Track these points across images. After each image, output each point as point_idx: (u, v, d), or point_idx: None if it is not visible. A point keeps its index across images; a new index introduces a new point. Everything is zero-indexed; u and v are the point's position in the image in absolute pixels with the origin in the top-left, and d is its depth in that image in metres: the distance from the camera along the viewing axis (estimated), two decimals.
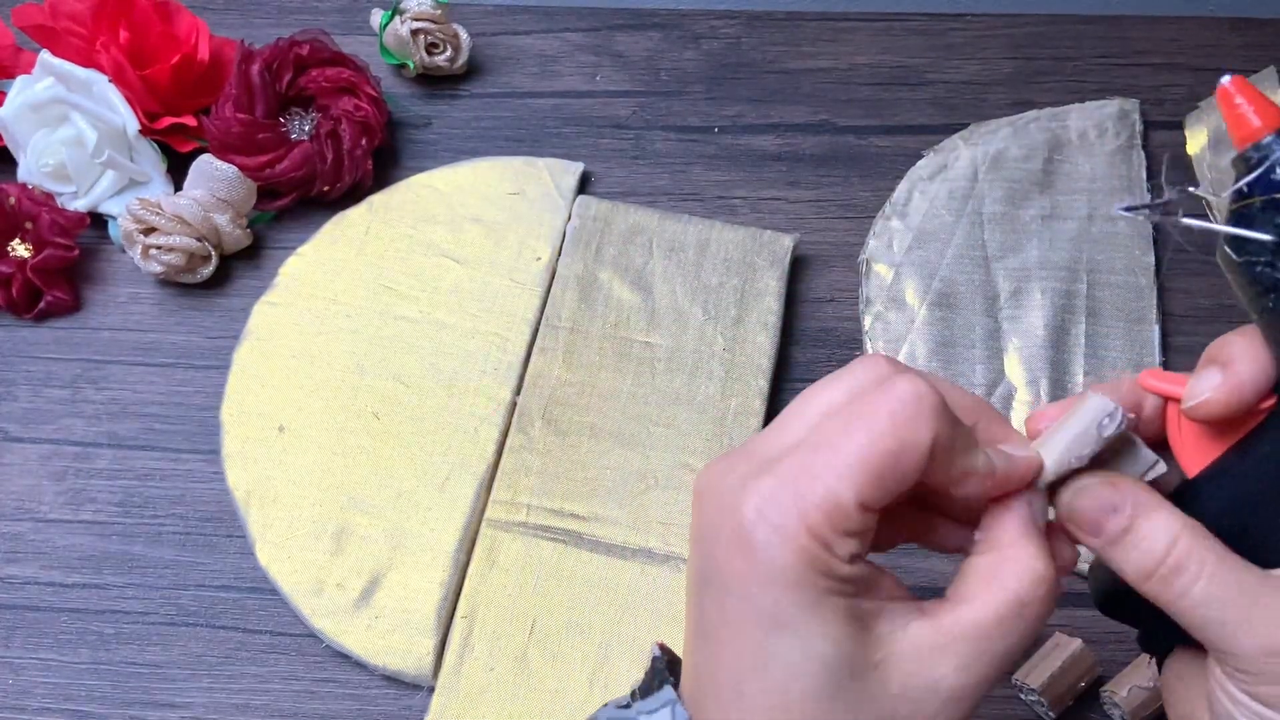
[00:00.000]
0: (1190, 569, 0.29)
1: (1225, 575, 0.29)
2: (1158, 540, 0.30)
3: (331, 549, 0.53)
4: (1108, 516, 0.30)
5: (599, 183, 0.65)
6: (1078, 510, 0.31)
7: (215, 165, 0.60)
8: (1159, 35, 0.68)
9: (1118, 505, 0.30)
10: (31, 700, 0.51)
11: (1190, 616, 0.29)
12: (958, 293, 0.60)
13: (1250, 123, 0.29)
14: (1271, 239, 0.28)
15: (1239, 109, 0.29)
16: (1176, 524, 0.30)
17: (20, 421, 0.58)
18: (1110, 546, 0.31)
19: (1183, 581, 0.29)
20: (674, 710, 0.31)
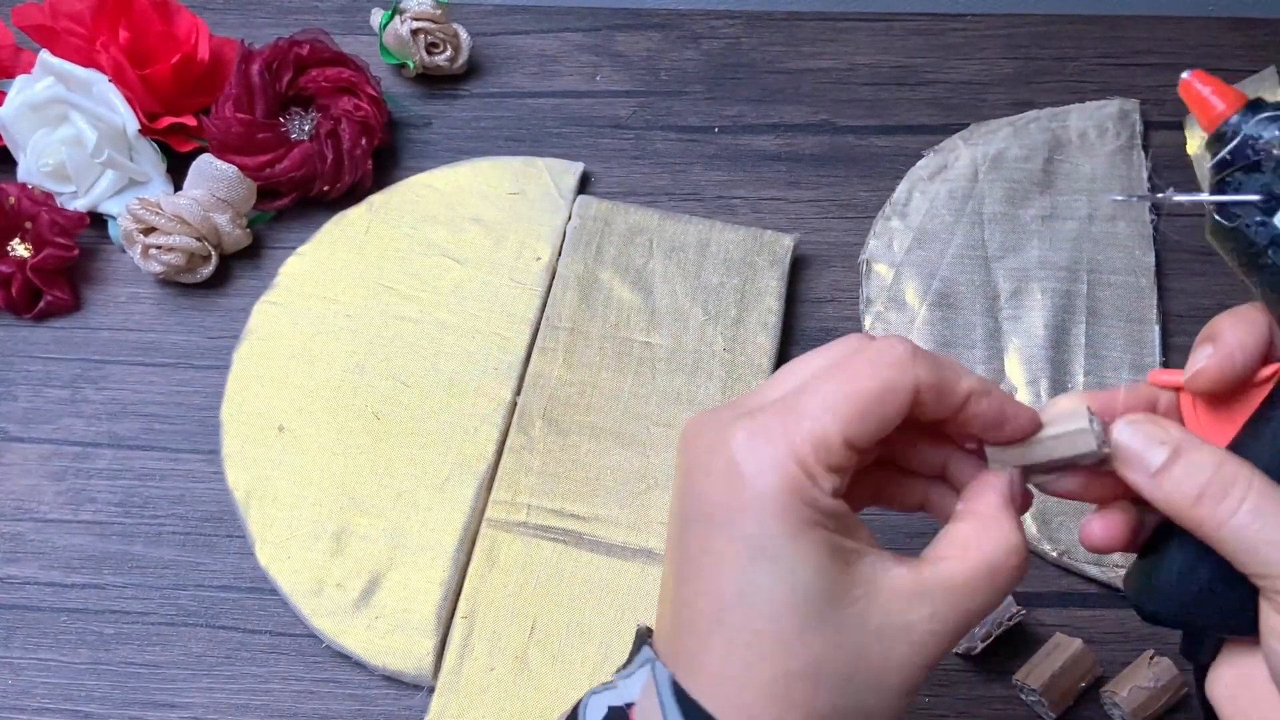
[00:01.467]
0: (1237, 489, 0.30)
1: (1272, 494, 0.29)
2: (1204, 465, 0.30)
3: (331, 549, 0.53)
4: (1153, 448, 0.31)
5: (599, 183, 0.65)
6: (1124, 444, 0.32)
7: (215, 165, 0.60)
8: (1159, 35, 0.68)
9: (1164, 439, 0.31)
10: (31, 700, 0.51)
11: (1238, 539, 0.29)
12: (958, 293, 0.60)
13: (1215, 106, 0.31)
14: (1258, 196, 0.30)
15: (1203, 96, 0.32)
16: (1220, 452, 0.31)
17: (20, 421, 0.58)
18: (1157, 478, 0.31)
19: (1229, 503, 0.29)
20: (654, 667, 0.32)
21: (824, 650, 0.30)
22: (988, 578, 0.31)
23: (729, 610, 0.30)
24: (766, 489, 0.29)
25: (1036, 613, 0.52)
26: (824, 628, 0.30)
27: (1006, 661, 0.51)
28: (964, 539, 0.32)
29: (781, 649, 0.30)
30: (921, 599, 0.31)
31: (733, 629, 0.30)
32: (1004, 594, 0.32)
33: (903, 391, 0.31)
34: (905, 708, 0.31)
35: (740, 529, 0.30)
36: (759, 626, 0.30)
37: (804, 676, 0.30)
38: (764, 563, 0.29)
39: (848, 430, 0.30)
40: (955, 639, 0.31)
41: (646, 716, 0.31)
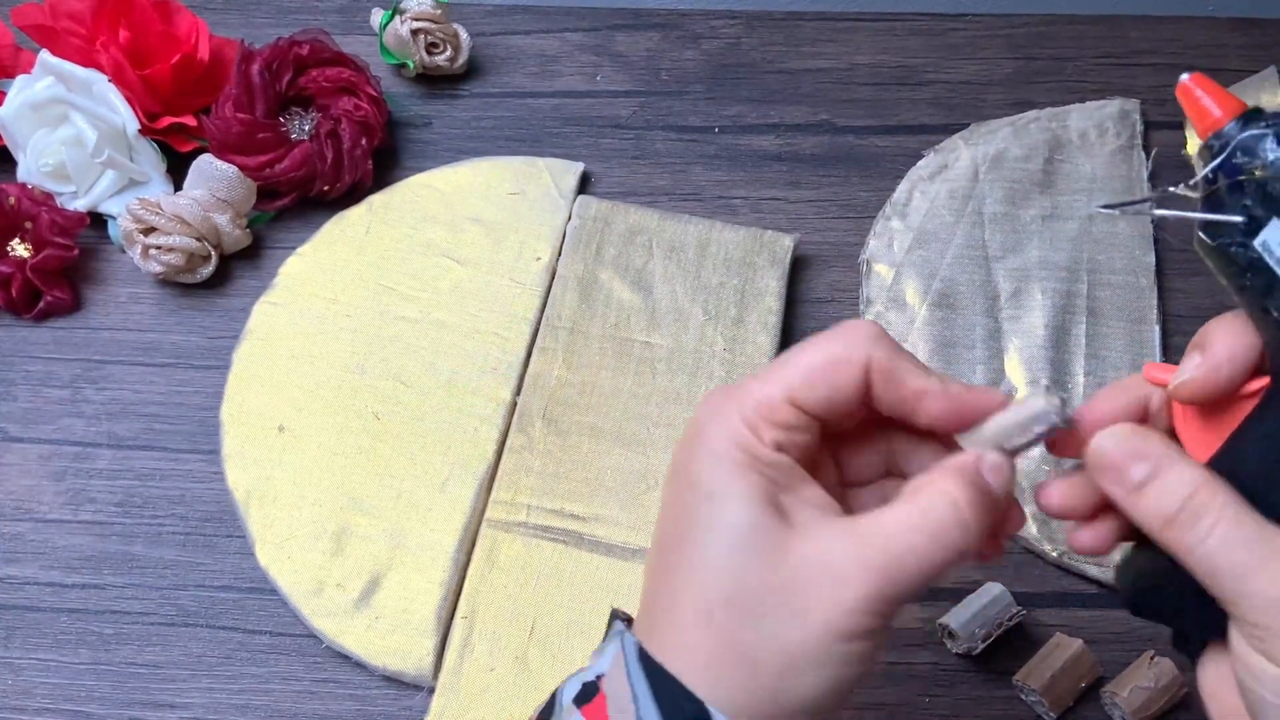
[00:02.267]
0: (1210, 514, 0.30)
1: (1244, 522, 0.30)
2: (1180, 486, 0.30)
3: (331, 549, 0.53)
4: (1133, 462, 0.31)
5: (599, 183, 0.65)
6: (1106, 453, 0.32)
7: (215, 165, 0.60)
8: (1159, 35, 0.68)
9: (1144, 453, 0.31)
10: (31, 700, 0.51)
11: (1208, 563, 0.30)
12: (958, 293, 0.59)
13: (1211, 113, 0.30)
14: (1241, 219, 0.29)
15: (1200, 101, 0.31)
16: (1199, 474, 0.31)
17: (20, 421, 0.58)
18: (1133, 494, 0.31)
19: (1202, 526, 0.30)
20: (623, 638, 0.33)
21: (744, 578, 0.31)
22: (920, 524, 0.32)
23: (679, 545, 0.33)
24: (713, 438, 0.33)
25: (1036, 613, 0.52)
26: (749, 559, 0.31)
27: (1006, 662, 0.51)
28: (906, 492, 0.33)
29: (709, 577, 0.32)
30: (849, 538, 0.31)
31: (679, 562, 0.32)
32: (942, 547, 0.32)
33: (852, 364, 0.33)
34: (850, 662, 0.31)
35: (693, 475, 0.33)
36: (693, 558, 0.32)
37: (727, 604, 0.31)
38: (705, 503, 0.32)
39: (791, 391, 0.33)
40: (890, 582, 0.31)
41: (615, 685, 0.32)
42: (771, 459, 0.33)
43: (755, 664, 0.31)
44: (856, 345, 0.33)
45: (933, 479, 0.33)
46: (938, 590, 0.53)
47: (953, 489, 0.32)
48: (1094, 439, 0.32)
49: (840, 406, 0.33)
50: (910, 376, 0.33)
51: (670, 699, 0.31)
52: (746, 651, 0.31)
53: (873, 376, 0.33)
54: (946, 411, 0.33)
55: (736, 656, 0.31)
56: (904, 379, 0.33)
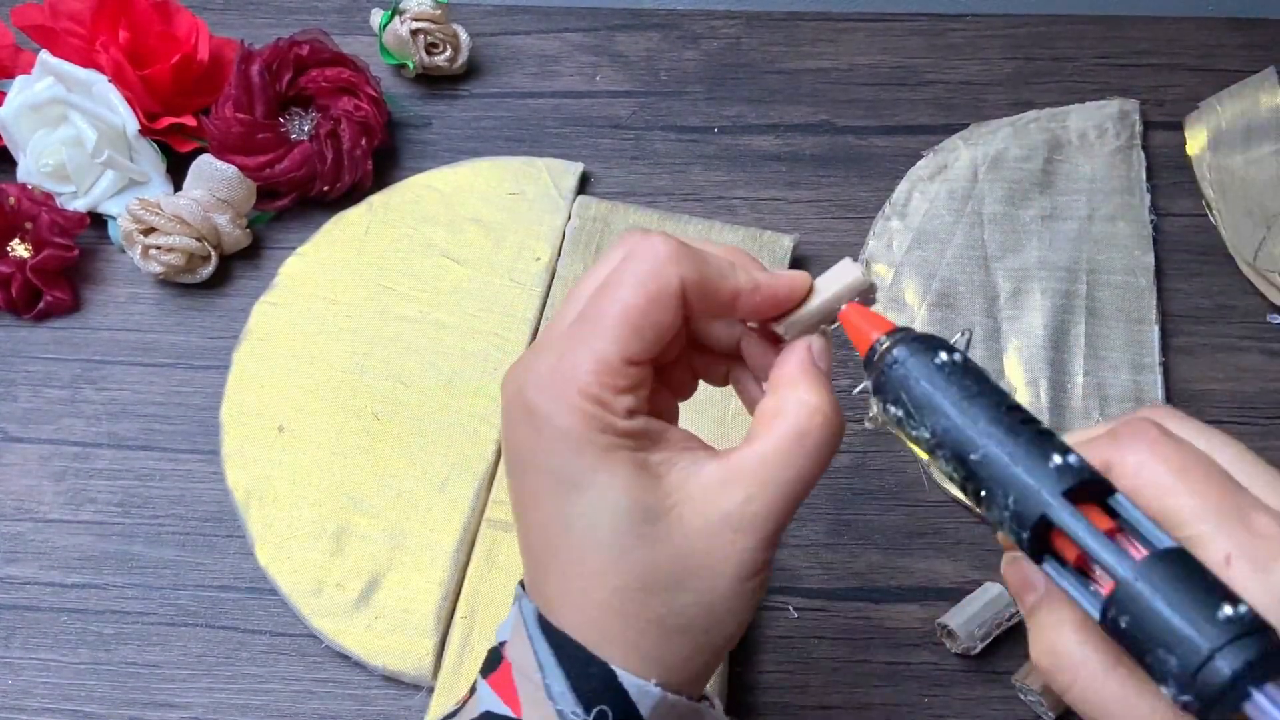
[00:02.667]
0: (1066, 672, 0.29)
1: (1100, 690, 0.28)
2: (1048, 632, 0.30)
3: (331, 549, 0.53)
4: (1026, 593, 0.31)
5: (599, 183, 0.65)
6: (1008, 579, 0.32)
7: (215, 165, 0.60)
8: (1159, 35, 0.68)
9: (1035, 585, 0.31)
10: (31, 700, 0.51)
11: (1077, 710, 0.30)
12: (957, 293, 0.60)
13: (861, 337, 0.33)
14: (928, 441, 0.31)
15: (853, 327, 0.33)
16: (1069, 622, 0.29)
17: (20, 421, 0.58)
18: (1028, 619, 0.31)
19: (1062, 680, 0.29)
20: (520, 605, 0.34)
21: (647, 563, 0.31)
22: (796, 444, 0.32)
23: (556, 542, 0.32)
24: (562, 425, 0.31)
25: None
26: (643, 543, 0.31)
27: (1005, 662, 0.51)
28: (767, 413, 0.33)
29: (608, 569, 0.31)
30: (732, 484, 0.31)
31: (563, 559, 0.32)
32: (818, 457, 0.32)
33: (669, 296, 0.32)
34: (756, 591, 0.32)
35: (548, 466, 0.31)
36: (583, 552, 0.31)
37: (634, 590, 0.31)
38: (574, 494, 0.31)
39: (626, 351, 0.31)
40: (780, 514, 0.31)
41: (518, 649, 0.33)
42: (629, 428, 0.32)
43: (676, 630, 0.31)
44: (668, 274, 0.32)
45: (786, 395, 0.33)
46: (937, 590, 0.53)
47: (812, 397, 0.32)
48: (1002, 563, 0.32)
49: (669, 343, 0.33)
50: (721, 283, 0.33)
51: (576, 665, 0.32)
52: (666, 623, 0.31)
53: (689, 296, 0.32)
54: (764, 305, 0.34)
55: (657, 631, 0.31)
56: (716, 288, 0.33)
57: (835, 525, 0.54)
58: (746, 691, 0.51)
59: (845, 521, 0.55)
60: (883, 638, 0.52)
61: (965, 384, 0.30)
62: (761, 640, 0.52)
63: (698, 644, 0.32)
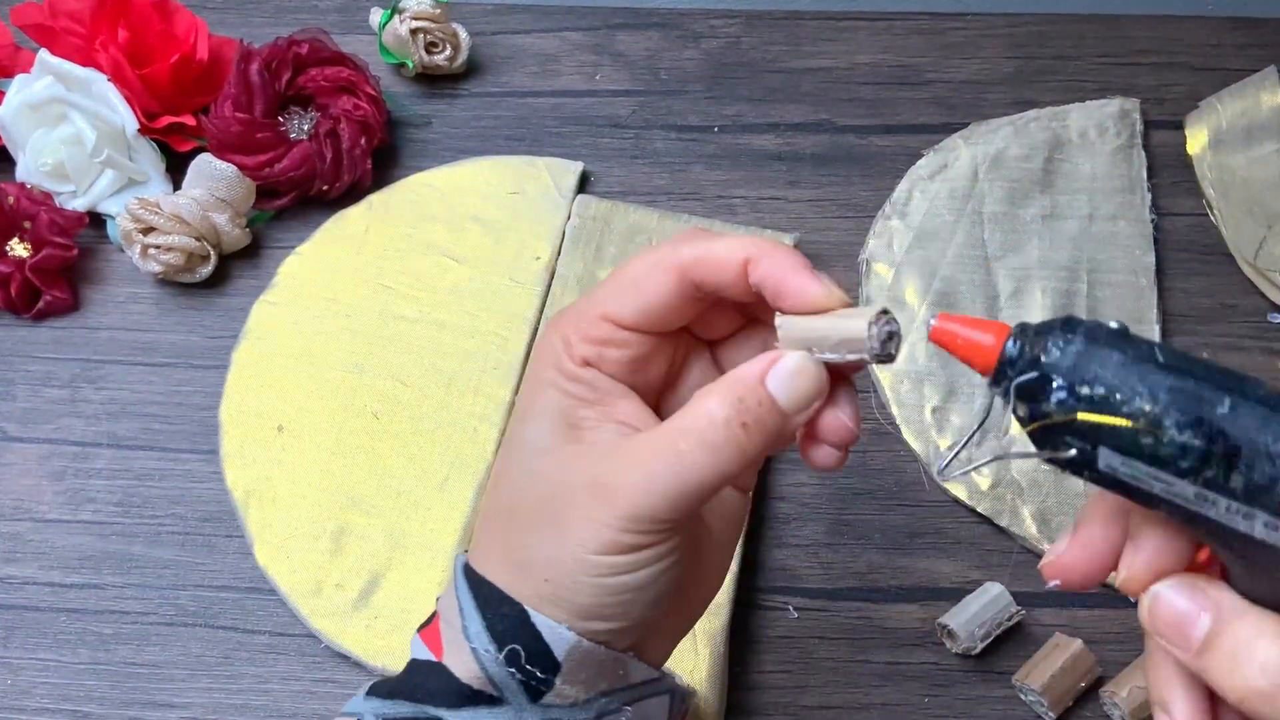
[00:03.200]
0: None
1: None
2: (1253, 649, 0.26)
3: (330, 549, 0.53)
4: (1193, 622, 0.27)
5: (599, 182, 0.64)
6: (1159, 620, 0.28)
7: (214, 164, 0.60)
8: (1159, 34, 0.68)
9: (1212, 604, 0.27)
10: (30, 700, 0.51)
11: None
12: (958, 292, 0.59)
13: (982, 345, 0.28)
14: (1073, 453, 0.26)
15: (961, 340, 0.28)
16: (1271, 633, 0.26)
17: (19, 421, 0.58)
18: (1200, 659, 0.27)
19: None
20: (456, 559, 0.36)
21: (517, 488, 0.33)
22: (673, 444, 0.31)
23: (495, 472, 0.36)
24: (535, 358, 0.35)
25: (1036, 613, 0.52)
26: (522, 469, 0.33)
27: (1006, 662, 0.51)
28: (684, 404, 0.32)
29: (502, 489, 0.34)
30: (615, 458, 0.32)
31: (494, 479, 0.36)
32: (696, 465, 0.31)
33: (659, 269, 0.33)
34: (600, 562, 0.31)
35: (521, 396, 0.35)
36: (498, 471, 0.35)
37: (504, 510, 0.34)
38: (515, 420, 0.35)
39: (603, 305, 0.33)
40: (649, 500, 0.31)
41: (446, 599, 0.35)
42: (576, 373, 0.34)
43: (526, 567, 0.32)
44: (666, 250, 0.33)
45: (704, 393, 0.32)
46: (937, 590, 0.53)
47: (716, 406, 0.31)
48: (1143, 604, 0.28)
49: (658, 314, 0.33)
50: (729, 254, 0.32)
51: (492, 605, 0.33)
52: (520, 558, 0.33)
53: (690, 273, 0.33)
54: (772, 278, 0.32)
55: (514, 562, 0.33)
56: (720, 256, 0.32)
57: (835, 525, 0.54)
58: (746, 691, 0.51)
59: (845, 521, 0.54)
60: (883, 638, 0.52)
61: (1155, 346, 0.26)
62: (761, 640, 0.52)
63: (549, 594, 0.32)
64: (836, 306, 0.32)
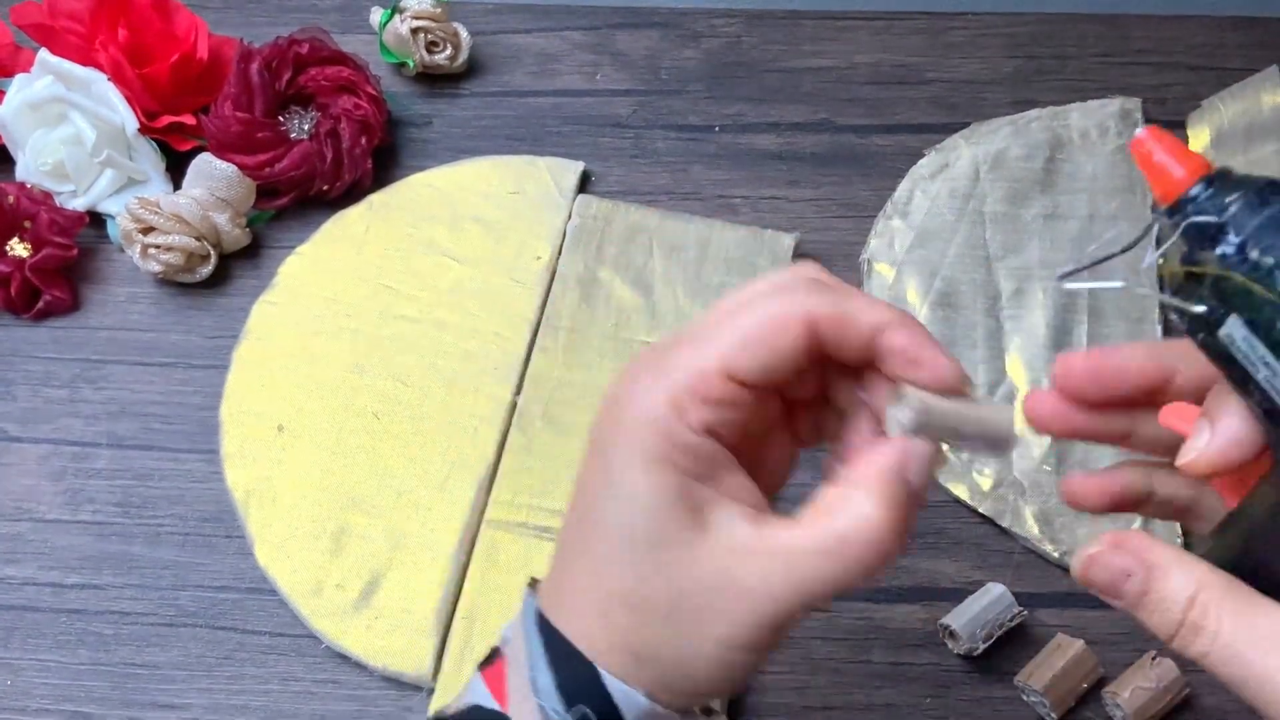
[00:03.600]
0: (1208, 627, 0.28)
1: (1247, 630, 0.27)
2: (1175, 601, 0.28)
3: (331, 549, 0.53)
4: (1122, 581, 0.29)
5: (599, 182, 0.64)
6: (1094, 581, 0.30)
7: (214, 164, 0.59)
8: (1160, 34, 0.68)
9: (1130, 569, 0.29)
10: (31, 701, 0.51)
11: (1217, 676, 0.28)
12: (959, 292, 0.59)
13: (1171, 174, 0.27)
14: (1202, 309, 0.26)
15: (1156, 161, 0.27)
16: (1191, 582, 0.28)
17: (19, 421, 0.58)
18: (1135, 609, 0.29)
19: (1202, 642, 0.28)
20: (525, 603, 0.33)
21: (644, 581, 0.30)
22: (835, 548, 0.29)
23: (580, 533, 0.32)
24: (633, 417, 0.30)
25: (1038, 613, 0.52)
26: (647, 560, 0.30)
27: (1008, 662, 0.51)
28: (822, 504, 0.30)
29: (609, 570, 0.31)
30: (754, 556, 0.30)
31: (578, 550, 0.32)
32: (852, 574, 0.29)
33: (792, 322, 0.30)
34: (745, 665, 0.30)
35: (607, 455, 0.31)
36: (595, 548, 0.31)
37: (624, 603, 0.30)
38: (611, 490, 0.30)
39: (727, 362, 0.29)
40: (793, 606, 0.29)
41: (515, 644, 0.33)
42: (694, 445, 0.30)
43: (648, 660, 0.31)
44: (795, 300, 0.30)
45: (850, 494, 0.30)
46: (939, 591, 0.52)
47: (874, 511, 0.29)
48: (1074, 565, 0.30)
49: (781, 372, 0.30)
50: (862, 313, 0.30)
51: (565, 661, 0.31)
52: (640, 649, 0.31)
53: (820, 329, 0.30)
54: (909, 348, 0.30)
55: (631, 653, 0.31)
56: (856, 319, 0.30)
57: None
58: (748, 691, 0.51)
59: None
60: (885, 638, 0.52)
61: None
62: None
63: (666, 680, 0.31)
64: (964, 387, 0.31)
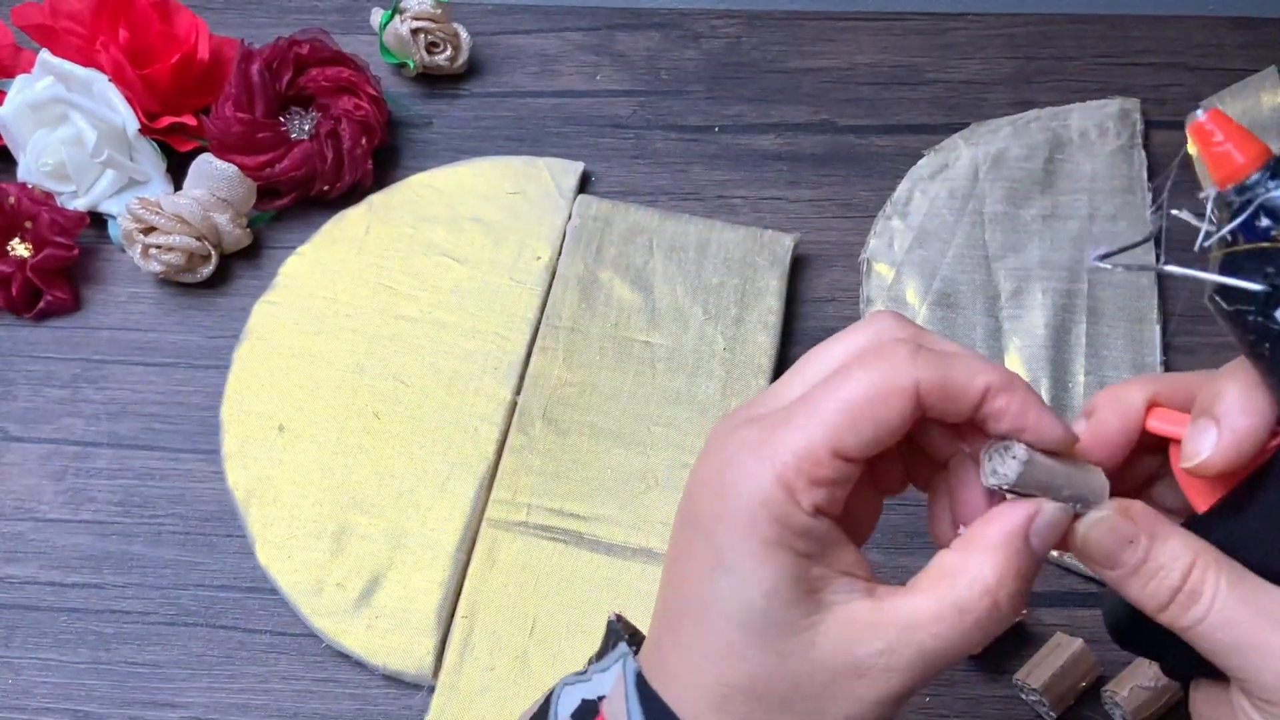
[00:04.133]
0: (1205, 594, 0.28)
1: (1242, 599, 0.28)
2: (1173, 568, 0.29)
3: (331, 549, 0.53)
4: (1124, 549, 0.29)
5: (599, 182, 0.65)
6: (1093, 543, 0.30)
7: (215, 165, 0.60)
8: (1160, 34, 0.68)
9: (1133, 537, 0.29)
10: (31, 700, 0.51)
11: (1208, 644, 0.28)
12: (959, 292, 0.59)
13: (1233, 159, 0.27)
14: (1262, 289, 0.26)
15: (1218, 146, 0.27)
16: (1190, 550, 0.29)
17: (20, 421, 0.58)
18: (1127, 579, 0.30)
19: (1198, 609, 0.28)
20: (625, 663, 0.32)
21: (763, 670, 0.29)
22: (953, 618, 0.29)
23: (689, 613, 0.30)
24: (741, 502, 0.29)
25: (1037, 612, 0.52)
26: (766, 649, 0.29)
27: (1007, 661, 0.51)
28: (941, 570, 0.30)
29: (725, 659, 0.30)
30: (875, 631, 0.29)
31: (689, 632, 0.30)
32: (975, 638, 0.29)
33: (899, 396, 0.28)
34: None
35: (714, 538, 0.29)
36: (708, 634, 0.30)
37: (742, 691, 0.29)
38: (723, 574, 0.29)
39: (836, 442, 0.28)
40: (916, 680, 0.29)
41: (614, 709, 0.31)
42: (807, 527, 0.29)
43: None
44: (900, 370, 0.29)
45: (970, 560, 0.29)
46: None
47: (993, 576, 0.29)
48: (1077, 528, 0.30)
49: (888, 443, 0.29)
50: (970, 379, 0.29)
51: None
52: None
53: (926, 399, 0.29)
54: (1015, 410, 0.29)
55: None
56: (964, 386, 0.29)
57: None
58: None
59: None
60: None
61: None
62: None
63: None
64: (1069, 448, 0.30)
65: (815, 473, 0.28)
